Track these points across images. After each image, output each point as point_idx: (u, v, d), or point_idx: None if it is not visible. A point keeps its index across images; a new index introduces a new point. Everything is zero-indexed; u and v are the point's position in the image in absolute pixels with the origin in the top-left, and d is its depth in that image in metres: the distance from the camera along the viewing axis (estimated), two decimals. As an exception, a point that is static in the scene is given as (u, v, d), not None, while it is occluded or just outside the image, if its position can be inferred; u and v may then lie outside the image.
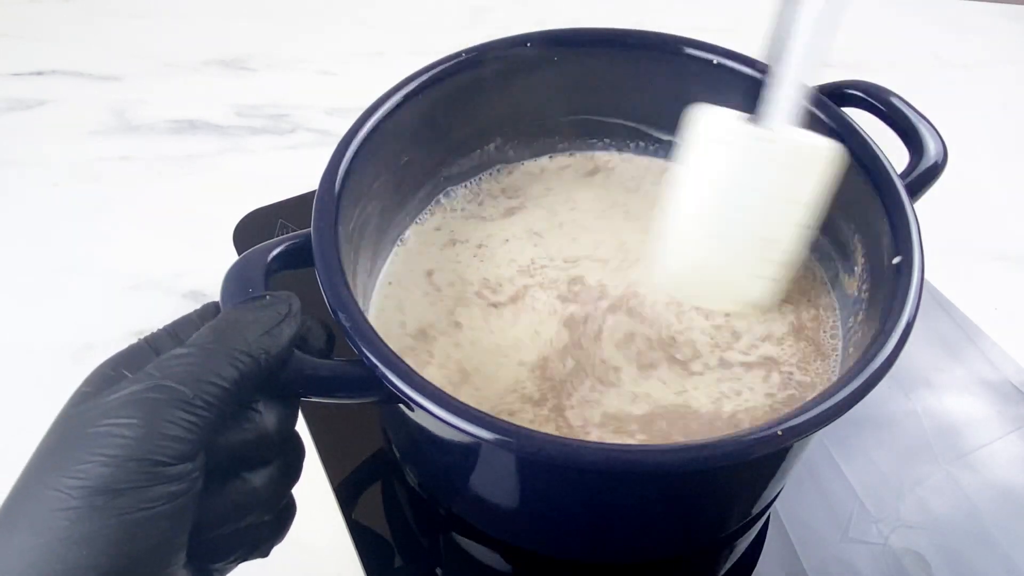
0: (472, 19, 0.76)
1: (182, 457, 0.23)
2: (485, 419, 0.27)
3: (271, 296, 0.28)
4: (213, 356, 0.25)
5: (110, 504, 0.22)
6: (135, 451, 0.22)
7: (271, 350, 0.26)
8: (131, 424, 0.23)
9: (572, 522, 0.36)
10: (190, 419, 0.24)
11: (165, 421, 0.23)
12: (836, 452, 0.44)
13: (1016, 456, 0.44)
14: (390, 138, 0.38)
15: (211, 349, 0.25)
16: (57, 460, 0.23)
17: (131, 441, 0.23)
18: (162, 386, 0.24)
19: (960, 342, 0.49)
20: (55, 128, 0.64)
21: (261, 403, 0.27)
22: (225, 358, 0.25)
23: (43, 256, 0.55)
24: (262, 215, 0.54)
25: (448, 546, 0.41)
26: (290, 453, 0.29)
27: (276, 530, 0.29)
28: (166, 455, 0.23)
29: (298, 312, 0.28)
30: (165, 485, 0.23)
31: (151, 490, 0.22)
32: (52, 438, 0.24)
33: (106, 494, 0.22)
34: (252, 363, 0.26)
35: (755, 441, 0.27)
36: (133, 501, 0.22)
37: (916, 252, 0.33)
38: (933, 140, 0.38)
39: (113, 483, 0.22)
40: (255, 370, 0.26)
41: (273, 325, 0.27)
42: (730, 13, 0.75)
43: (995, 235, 0.57)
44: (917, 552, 0.40)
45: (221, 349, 0.25)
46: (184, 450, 0.23)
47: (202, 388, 0.24)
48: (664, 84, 0.43)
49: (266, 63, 0.71)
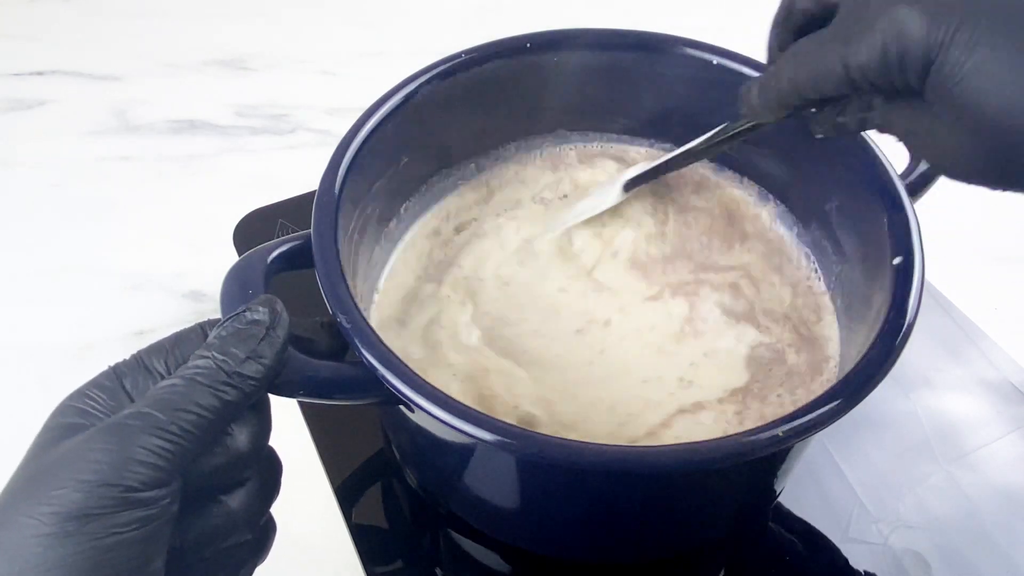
0: (472, 19, 0.76)
1: (154, 483, 0.23)
2: (485, 420, 0.27)
3: (250, 309, 0.27)
4: (196, 385, 0.25)
5: (82, 530, 0.22)
6: (108, 476, 0.22)
7: (257, 375, 0.26)
8: (106, 450, 0.23)
9: (572, 522, 0.36)
10: (164, 446, 0.24)
11: (138, 447, 0.23)
12: (836, 452, 0.44)
13: (1016, 456, 0.44)
14: (390, 139, 0.38)
15: (195, 379, 0.25)
16: (32, 488, 0.23)
17: (104, 467, 0.23)
18: (139, 413, 0.24)
19: (960, 342, 0.49)
20: (55, 128, 0.64)
21: (233, 424, 0.27)
22: (208, 387, 0.25)
23: (43, 256, 0.55)
24: (262, 215, 0.54)
25: (448, 546, 0.41)
26: (266, 471, 0.29)
27: (257, 550, 0.29)
28: (137, 480, 0.23)
29: (282, 319, 0.27)
30: (135, 510, 0.23)
31: (121, 515, 0.22)
32: (28, 467, 0.24)
33: (78, 520, 0.22)
34: (237, 392, 0.26)
35: (755, 441, 0.27)
36: (104, 526, 0.22)
37: (916, 252, 0.33)
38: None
39: (85, 509, 0.22)
40: (241, 398, 0.26)
41: (252, 349, 0.26)
42: (730, 13, 0.75)
43: (995, 235, 0.57)
44: (917, 552, 0.40)
45: (205, 379, 0.25)
46: (156, 476, 0.23)
47: (178, 416, 0.24)
48: (665, 84, 0.43)
49: (266, 63, 0.71)
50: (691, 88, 0.43)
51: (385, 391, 0.28)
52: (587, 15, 0.74)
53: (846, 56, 0.26)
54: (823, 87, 0.28)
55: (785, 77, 0.29)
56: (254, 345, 0.26)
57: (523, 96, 0.44)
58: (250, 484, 0.28)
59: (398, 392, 0.28)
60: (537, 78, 0.43)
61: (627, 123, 0.47)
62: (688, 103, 0.44)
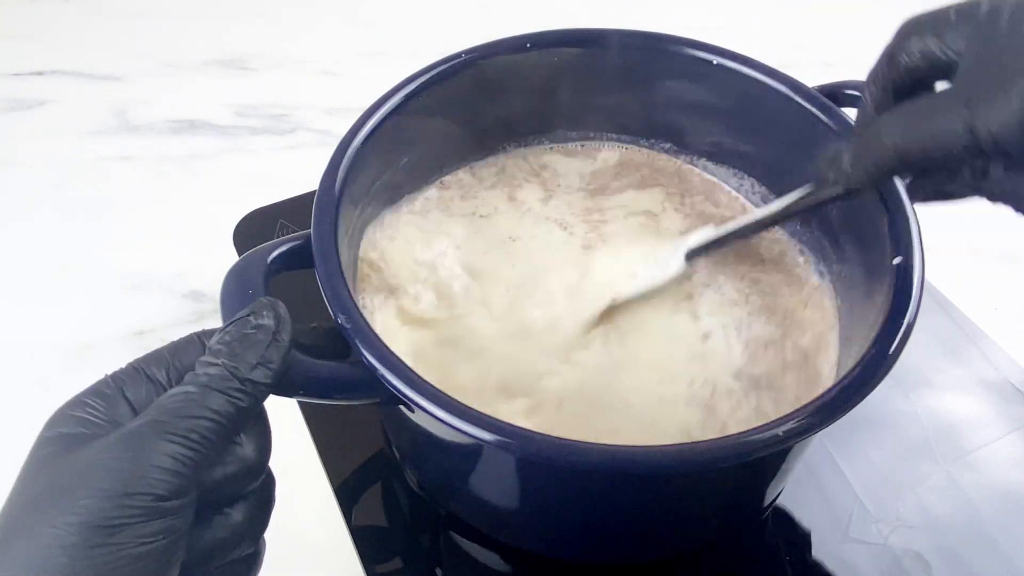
0: (472, 19, 0.76)
1: (177, 492, 0.23)
2: (485, 420, 0.27)
3: (254, 313, 0.27)
4: (209, 393, 0.25)
5: (108, 541, 0.22)
6: (132, 486, 0.22)
7: (266, 379, 0.26)
8: (127, 459, 0.23)
9: (572, 522, 0.36)
10: (185, 453, 0.24)
11: (161, 455, 0.23)
12: (836, 452, 0.44)
13: (1016, 456, 0.44)
14: (390, 139, 0.38)
15: (207, 387, 0.25)
16: (53, 498, 0.22)
17: (128, 476, 0.22)
18: (155, 421, 0.24)
19: (960, 342, 0.49)
20: (55, 128, 0.64)
21: (241, 434, 0.27)
22: (221, 394, 0.25)
23: (43, 256, 0.55)
24: (262, 215, 0.54)
25: (448, 546, 0.41)
26: (265, 484, 0.29)
27: (256, 563, 0.29)
28: (163, 489, 0.23)
29: (285, 324, 0.28)
30: (161, 520, 0.23)
31: (148, 525, 0.22)
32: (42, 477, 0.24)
33: (105, 530, 0.22)
34: (249, 398, 0.26)
35: (755, 442, 0.27)
36: (131, 537, 0.22)
37: (916, 252, 0.33)
38: (933, 140, 0.38)
39: (111, 519, 0.22)
40: (253, 404, 0.26)
41: (259, 356, 0.26)
42: (730, 13, 0.75)
43: (995, 235, 0.57)
44: (917, 552, 0.40)
45: (217, 386, 0.25)
46: (179, 484, 0.23)
47: (196, 423, 0.24)
48: (665, 84, 0.43)
49: (266, 63, 0.71)
50: (691, 88, 0.43)
51: (385, 391, 0.28)
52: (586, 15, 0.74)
53: (973, 120, 0.23)
54: (938, 153, 0.25)
55: (889, 143, 0.26)
56: (262, 351, 0.26)
57: (523, 96, 0.44)
58: (252, 497, 0.28)
59: (398, 392, 0.28)
60: (537, 78, 0.43)
61: (628, 123, 0.47)
62: (689, 103, 0.44)
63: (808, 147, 0.40)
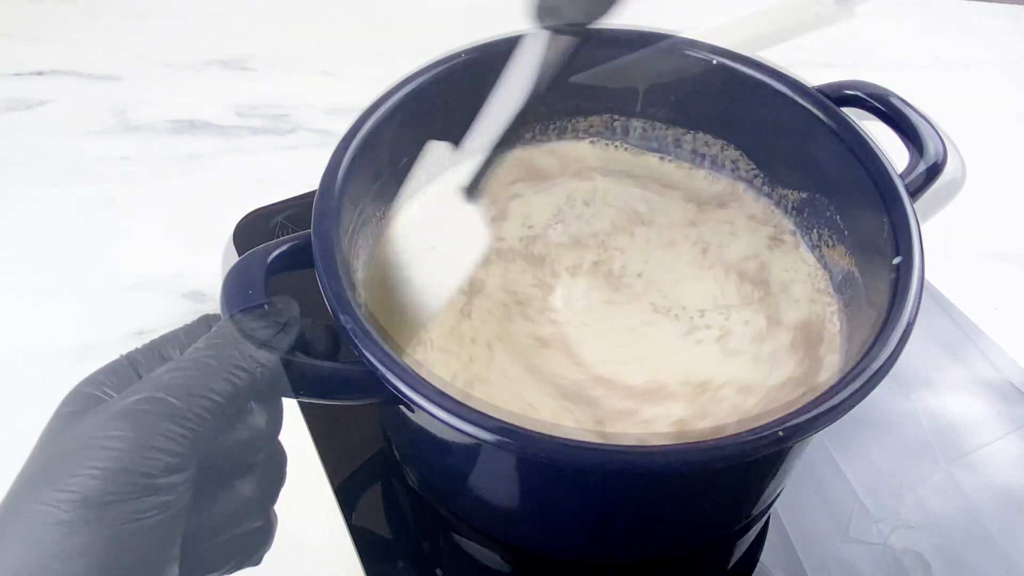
0: (472, 19, 0.76)
1: (173, 469, 0.23)
2: (485, 420, 0.27)
3: (269, 305, 0.28)
4: (209, 370, 0.25)
5: (101, 517, 0.22)
6: (126, 463, 0.22)
7: (268, 363, 0.27)
8: (122, 436, 0.23)
9: (572, 522, 0.36)
10: (181, 432, 0.24)
11: (156, 434, 0.23)
12: (836, 452, 0.44)
13: (1016, 456, 0.44)
14: (390, 138, 0.38)
15: (207, 363, 0.25)
16: (48, 475, 0.23)
17: (122, 453, 0.23)
18: (154, 398, 0.24)
19: (960, 342, 0.49)
20: (55, 128, 0.64)
21: (252, 403, 0.27)
22: (221, 372, 0.25)
23: (43, 256, 0.55)
24: (262, 215, 0.54)
25: (448, 546, 0.41)
26: (275, 456, 0.29)
27: (265, 537, 0.29)
28: (157, 467, 0.23)
29: (297, 319, 0.28)
30: (156, 496, 0.23)
31: (141, 501, 0.22)
32: (41, 455, 0.24)
33: (98, 506, 0.22)
34: (248, 377, 0.26)
35: (755, 441, 0.27)
36: (124, 513, 0.22)
37: (916, 252, 0.33)
38: (933, 140, 0.38)
39: (104, 495, 0.22)
40: (251, 384, 0.26)
41: (271, 336, 0.27)
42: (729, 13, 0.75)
43: (995, 235, 0.57)
44: (917, 552, 0.40)
45: (217, 363, 0.25)
46: (175, 462, 0.23)
47: (195, 402, 0.24)
48: (665, 83, 0.43)
49: (266, 63, 0.71)
50: (691, 87, 0.43)
51: (385, 391, 0.28)
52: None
53: None
54: None
55: None
56: (269, 335, 0.27)
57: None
58: (260, 470, 0.28)
59: (398, 392, 0.28)
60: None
61: (628, 123, 0.47)
62: (689, 103, 0.44)
63: (808, 147, 0.40)
